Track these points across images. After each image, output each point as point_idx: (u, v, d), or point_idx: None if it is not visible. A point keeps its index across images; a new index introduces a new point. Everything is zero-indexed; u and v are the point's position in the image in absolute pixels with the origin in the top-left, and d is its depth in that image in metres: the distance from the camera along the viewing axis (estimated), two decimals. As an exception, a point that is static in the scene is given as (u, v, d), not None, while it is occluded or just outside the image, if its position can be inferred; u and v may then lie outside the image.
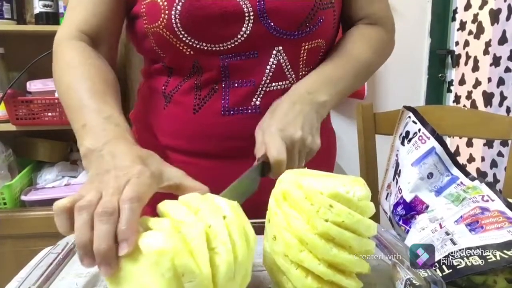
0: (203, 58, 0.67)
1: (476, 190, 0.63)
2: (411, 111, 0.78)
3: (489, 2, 1.76)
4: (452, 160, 0.69)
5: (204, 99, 0.69)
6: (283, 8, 0.64)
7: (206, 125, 0.69)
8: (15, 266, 0.57)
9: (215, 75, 0.67)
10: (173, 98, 0.71)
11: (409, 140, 0.75)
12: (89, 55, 0.64)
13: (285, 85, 0.69)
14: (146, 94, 0.77)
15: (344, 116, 2.01)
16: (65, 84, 0.61)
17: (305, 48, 0.68)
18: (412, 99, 2.09)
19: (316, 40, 0.69)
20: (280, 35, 0.66)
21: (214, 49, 0.65)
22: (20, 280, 0.47)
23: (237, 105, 0.68)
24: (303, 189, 0.45)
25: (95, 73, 0.61)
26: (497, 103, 1.69)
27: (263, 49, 0.66)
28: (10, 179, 1.54)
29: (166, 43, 0.66)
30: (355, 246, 0.43)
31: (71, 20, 0.68)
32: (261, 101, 0.68)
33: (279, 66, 0.68)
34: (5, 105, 1.53)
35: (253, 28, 0.64)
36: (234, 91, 0.68)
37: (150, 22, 0.65)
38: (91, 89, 0.58)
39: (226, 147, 0.69)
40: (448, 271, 0.50)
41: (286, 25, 0.65)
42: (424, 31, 2.08)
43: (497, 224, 0.54)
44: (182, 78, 0.70)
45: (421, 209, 0.67)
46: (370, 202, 0.45)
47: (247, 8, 0.63)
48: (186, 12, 0.63)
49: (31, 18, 1.68)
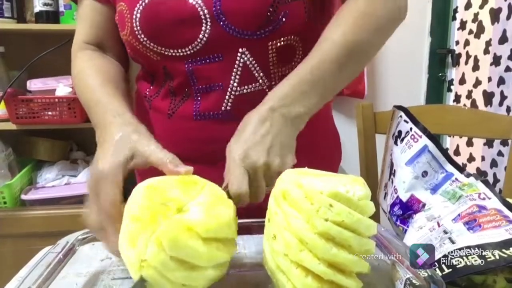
0: (169, 64, 0.67)
1: (472, 187, 0.63)
2: (402, 111, 0.78)
3: (490, 1, 1.76)
4: (445, 157, 0.69)
5: (178, 104, 0.69)
6: (239, 8, 0.62)
7: (180, 129, 0.70)
8: (15, 265, 0.57)
9: (183, 80, 0.67)
10: (152, 103, 0.73)
11: (402, 140, 0.75)
12: (97, 58, 0.71)
13: (256, 88, 0.67)
14: (137, 98, 0.79)
15: (344, 116, 2.01)
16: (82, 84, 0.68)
17: (273, 47, 0.65)
18: (412, 99, 2.10)
19: (284, 37, 0.65)
20: (242, 36, 0.63)
21: (177, 54, 0.65)
22: (20, 279, 0.47)
23: (208, 109, 0.67)
24: (303, 188, 0.45)
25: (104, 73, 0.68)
26: (497, 102, 1.69)
27: (226, 51, 0.65)
28: (10, 178, 1.54)
29: (136, 50, 0.68)
30: (355, 246, 0.43)
31: (77, 33, 0.75)
32: (232, 106, 0.67)
33: (246, 68, 0.66)
34: (5, 104, 1.53)
35: (212, 31, 0.63)
36: (204, 96, 0.67)
37: (121, 30, 0.68)
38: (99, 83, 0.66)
39: (202, 151, 0.69)
40: (448, 271, 0.50)
41: (246, 25, 0.63)
42: (424, 30, 2.08)
43: (495, 223, 0.54)
44: (161, 84, 0.71)
45: (418, 208, 0.67)
46: (370, 202, 0.45)
47: (203, 11, 0.62)
48: (144, 19, 0.64)
49: (31, 16, 1.67)
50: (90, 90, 0.65)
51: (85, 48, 0.73)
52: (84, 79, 0.68)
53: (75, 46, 0.74)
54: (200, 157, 0.69)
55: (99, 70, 0.68)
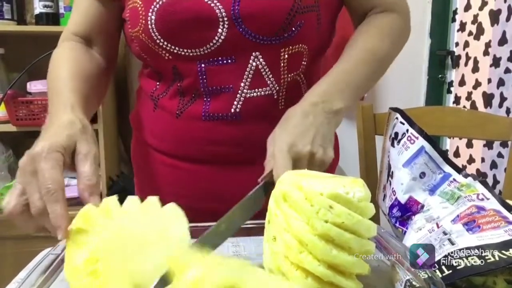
0: (181, 64, 0.67)
1: (471, 188, 0.63)
2: (398, 112, 0.78)
3: (489, 3, 1.76)
4: (443, 157, 0.69)
5: (187, 104, 0.69)
6: (258, 13, 0.63)
7: (188, 129, 0.69)
8: (15, 267, 0.57)
9: (194, 80, 0.67)
10: (159, 102, 0.72)
11: (398, 141, 0.75)
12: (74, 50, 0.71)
13: (266, 92, 0.68)
14: (141, 96, 0.78)
15: (344, 117, 2.00)
16: (49, 74, 0.68)
17: (285, 54, 0.67)
18: (412, 100, 2.10)
19: (296, 45, 0.67)
20: (257, 41, 0.64)
21: (190, 54, 0.65)
22: (19, 281, 0.47)
23: (217, 111, 0.68)
24: (303, 190, 0.45)
25: (71, 62, 0.68)
26: (497, 104, 1.69)
27: (240, 54, 0.65)
28: (10, 180, 1.54)
29: (147, 48, 0.67)
30: (355, 247, 0.43)
31: (69, 23, 0.74)
32: (241, 108, 0.67)
33: (258, 72, 0.66)
34: (5, 106, 1.54)
35: (228, 33, 0.63)
36: (214, 97, 0.68)
37: (132, 27, 0.67)
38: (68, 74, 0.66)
39: (209, 152, 0.69)
40: (448, 272, 0.50)
41: (262, 30, 0.64)
42: (424, 31, 2.08)
43: (494, 224, 0.54)
44: (169, 83, 0.71)
45: (417, 209, 0.67)
46: (370, 203, 0.45)
47: (221, 13, 0.62)
48: (160, 18, 0.63)
49: (31, 18, 1.68)
50: (56, 79, 0.65)
51: (71, 39, 0.73)
52: (56, 68, 0.68)
53: (64, 35, 0.74)
54: (205, 158, 0.69)
55: (73, 62, 0.68)
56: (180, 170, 0.71)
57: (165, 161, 0.73)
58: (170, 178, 0.73)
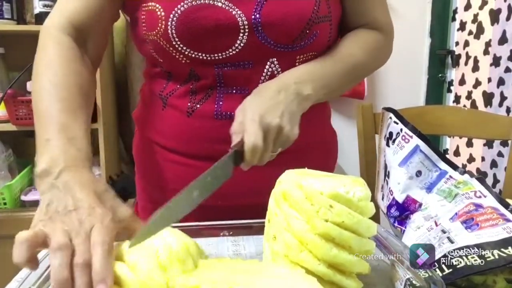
0: (198, 67, 0.68)
1: (468, 185, 0.63)
2: (392, 112, 0.78)
3: (489, 2, 1.76)
4: (438, 155, 0.69)
5: (199, 103, 0.70)
6: (278, 22, 0.64)
7: (199, 127, 0.70)
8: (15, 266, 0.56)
9: (211, 82, 0.68)
10: (168, 101, 0.72)
11: (393, 141, 0.75)
12: (73, 56, 0.64)
13: None
14: (147, 95, 0.78)
15: (344, 116, 2.01)
16: (39, 84, 0.60)
17: (299, 60, 0.69)
18: (412, 99, 2.10)
19: (310, 53, 0.69)
20: (275, 48, 0.66)
21: (209, 59, 0.66)
22: (20, 280, 0.47)
23: (230, 109, 0.68)
24: (303, 189, 0.45)
25: (74, 81, 0.61)
26: (497, 103, 1.69)
27: (257, 60, 0.67)
28: (10, 179, 1.54)
29: (163, 51, 0.67)
30: (355, 246, 0.43)
31: (63, 9, 0.67)
32: None
33: (273, 76, 0.68)
34: (5, 105, 1.54)
35: (248, 40, 0.65)
36: (228, 96, 0.69)
37: (149, 29, 0.66)
38: (64, 100, 0.58)
39: (220, 150, 0.69)
40: (448, 271, 0.50)
41: (281, 38, 0.66)
42: (424, 31, 2.08)
43: (492, 221, 0.54)
44: (179, 83, 0.71)
45: (415, 208, 0.68)
46: (370, 202, 0.45)
47: (242, 22, 0.64)
48: (182, 24, 0.63)
49: (31, 18, 1.68)
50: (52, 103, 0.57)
51: (66, 31, 0.66)
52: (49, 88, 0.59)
53: (57, 21, 0.67)
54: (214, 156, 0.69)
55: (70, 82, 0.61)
56: (188, 167, 0.71)
57: (172, 159, 0.73)
58: (176, 175, 0.73)
